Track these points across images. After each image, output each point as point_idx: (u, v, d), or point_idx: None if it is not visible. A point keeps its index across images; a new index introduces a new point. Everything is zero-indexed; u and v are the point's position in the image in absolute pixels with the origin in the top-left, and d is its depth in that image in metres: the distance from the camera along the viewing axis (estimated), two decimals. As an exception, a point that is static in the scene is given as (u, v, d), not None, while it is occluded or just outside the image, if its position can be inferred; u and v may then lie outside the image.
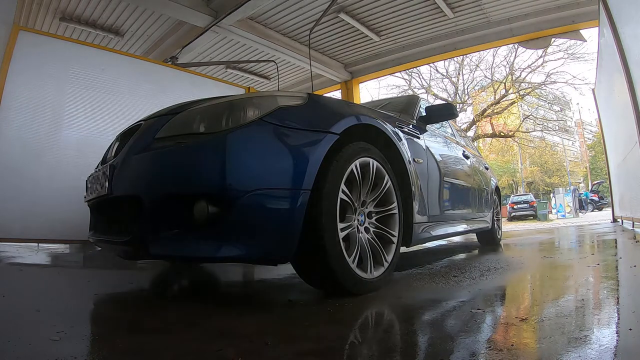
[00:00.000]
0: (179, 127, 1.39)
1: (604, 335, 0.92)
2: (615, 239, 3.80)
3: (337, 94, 7.69)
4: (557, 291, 1.55)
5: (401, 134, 1.94)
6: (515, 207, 16.63)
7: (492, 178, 4.01)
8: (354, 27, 5.75)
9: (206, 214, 1.21)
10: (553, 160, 27.48)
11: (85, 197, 1.87)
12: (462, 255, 3.08)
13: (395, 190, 1.72)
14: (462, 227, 2.82)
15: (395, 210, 1.71)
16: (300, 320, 1.17)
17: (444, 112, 2.45)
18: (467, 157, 3.11)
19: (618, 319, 1.07)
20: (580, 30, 5.63)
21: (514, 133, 19.71)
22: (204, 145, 1.28)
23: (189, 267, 2.49)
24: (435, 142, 2.48)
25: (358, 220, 1.57)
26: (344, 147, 1.48)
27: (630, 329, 0.92)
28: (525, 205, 16.49)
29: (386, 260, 1.61)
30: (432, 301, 1.43)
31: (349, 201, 1.48)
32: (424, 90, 16.66)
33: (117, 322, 1.19)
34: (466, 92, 18.02)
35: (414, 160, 1.97)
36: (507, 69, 16.64)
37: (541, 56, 15.38)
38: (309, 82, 7.59)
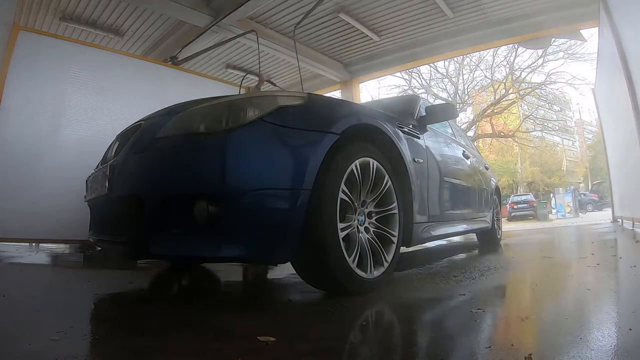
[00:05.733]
0: (179, 127, 1.39)
1: (604, 335, 0.92)
2: (615, 239, 3.80)
3: (337, 94, 7.69)
4: (557, 291, 1.55)
5: (401, 134, 1.94)
6: (515, 207, 16.61)
7: (492, 178, 4.01)
8: (354, 27, 5.74)
9: (206, 214, 1.21)
10: (553, 160, 27.49)
11: (85, 197, 1.87)
12: (462, 255, 3.08)
13: (395, 190, 1.72)
14: (462, 227, 2.82)
15: (395, 210, 1.70)
16: (300, 320, 1.17)
17: (444, 112, 2.44)
18: (467, 157, 3.11)
19: (618, 319, 1.07)
20: (580, 30, 5.63)
21: (514, 133, 19.72)
22: (204, 145, 1.28)
23: (189, 267, 2.49)
24: (436, 142, 2.48)
25: (358, 220, 1.56)
26: (344, 147, 1.48)
27: (630, 329, 0.92)
28: (525, 205, 16.46)
29: (386, 260, 1.61)
30: (432, 301, 1.43)
31: (349, 201, 1.48)
32: (424, 90, 16.68)
33: (117, 322, 1.19)
34: (466, 92, 18.04)
35: (414, 160, 1.97)
36: (507, 69, 16.66)
37: (541, 56, 15.41)
38: (309, 82, 7.59)
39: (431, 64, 14.94)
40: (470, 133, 17.12)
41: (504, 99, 17.45)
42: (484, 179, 3.56)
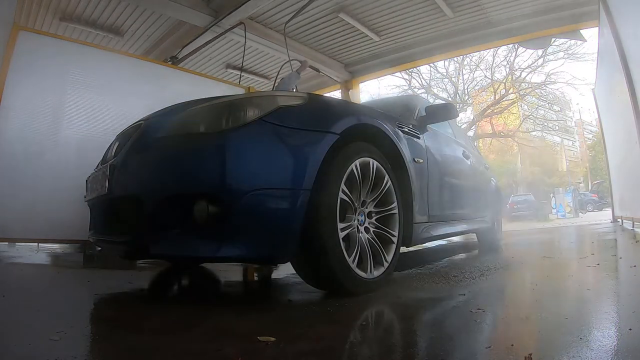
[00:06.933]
0: (179, 127, 1.39)
1: (604, 335, 0.92)
2: (615, 239, 3.81)
3: (337, 94, 7.68)
4: (557, 291, 1.55)
5: (401, 134, 1.94)
6: (515, 207, 16.60)
7: (492, 178, 4.01)
8: (354, 27, 5.74)
9: (206, 214, 1.21)
10: (553, 160, 27.48)
11: (85, 197, 1.87)
12: (462, 255, 3.08)
13: (395, 190, 1.72)
14: (462, 227, 2.82)
15: (395, 210, 1.70)
16: (300, 320, 1.17)
17: (444, 112, 2.44)
18: (467, 157, 3.11)
19: (618, 319, 1.07)
20: (580, 30, 5.63)
21: (514, 133, 19.72)
22: (204, 145, 1.28)
23: (189, 267, 2.49)
24: (436, 142, 2.48)
25: (358, 220, 1.56)
26: (344, 147, 1.48)
27: (630, 329, 0.92)
28: (525, 205, 16.46)
29: (386, 260, 1.61)
30: (432, 301, 1.43)
31: (349, 201, 1.48)
32: (424, 90, 16.67)
33: (117, 322, 1.19)
34: (466, 92, 18.04)
35: (414, 160, 1.97)
36: (507, 69, 16.66)
37: (541, 56, 15.41)
38: (309, 82, 7.59)
39: (431, 64, 14.94)
40: (470, 133, 17.12)
41: (504, 99, 17.45)
42: (484, 179, 3.56)
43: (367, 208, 1.64)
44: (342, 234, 1.39)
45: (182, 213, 1.24)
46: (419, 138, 2.19)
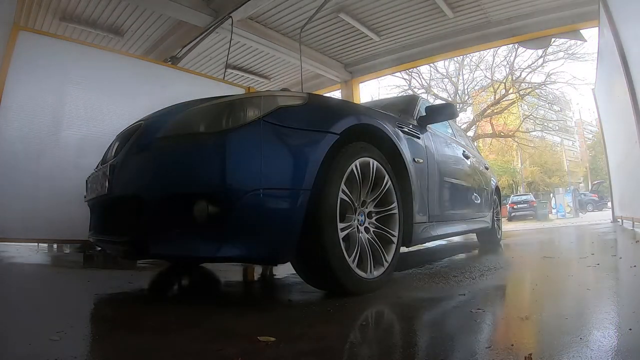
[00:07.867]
0: (179, 127, 1.39)
1: (604, 336, 0.92)
2: (615, 239, 3.81)
3: (337, 94, 7.69)
4: (557, 291, 1.55)
5: (401, 134, 1.94)
6: (515, 207, 16.59)
7: (492, 178, 4.01)
8: (354, 27, 5.75)
9: (206, 214, 1.21)
10: (553, 160, 27.47)
11: (85, 197, 1.87)
12: (462, 255, 3.08)
13: (395, 190, 1.72)
14: (462, 227, 2.82)
15: (395, 210, 1.71)
16: (300, 320, 1.17)
17: (444, 112, 2.45)
18: (467, 157, 3.11)
19: (618, 319, 1.07)
20: (580, 30, 5.63)
21: (514, 133, 19.71)
22: (204, 145, 1.28)
23: (189, 267, 2.49)
24: (436, 142, 2.47)
25: (358, 220, 1.56)
26: (344, 147, 1.48)
27: (630, 329, 0.92)
28: (525, 205, 16.45)
29: (386, 260, 1.61)
30: (432, 301, 1.43)
31: (349, 201, 1.48)
32: (424, 90, 16.66)
33: (117, 322, 1.19)
34: (466, 92, 18.04)
35: (414, 160, 1.97)
36: (507, 69, 16.65)
37: (541, 56, 15.39)
38: (309, 82, 7.60)
39: (431, 64, 14.94)
40: (470, 133, 17.12)
41: (504, 99, 17.44)
42: (484, 179, 3.56)
43: (367, 208, 1.64)
44: (342, 234, 1.39)
45: (182, 213, 1.24)
46: (419, 138, 2.19)
